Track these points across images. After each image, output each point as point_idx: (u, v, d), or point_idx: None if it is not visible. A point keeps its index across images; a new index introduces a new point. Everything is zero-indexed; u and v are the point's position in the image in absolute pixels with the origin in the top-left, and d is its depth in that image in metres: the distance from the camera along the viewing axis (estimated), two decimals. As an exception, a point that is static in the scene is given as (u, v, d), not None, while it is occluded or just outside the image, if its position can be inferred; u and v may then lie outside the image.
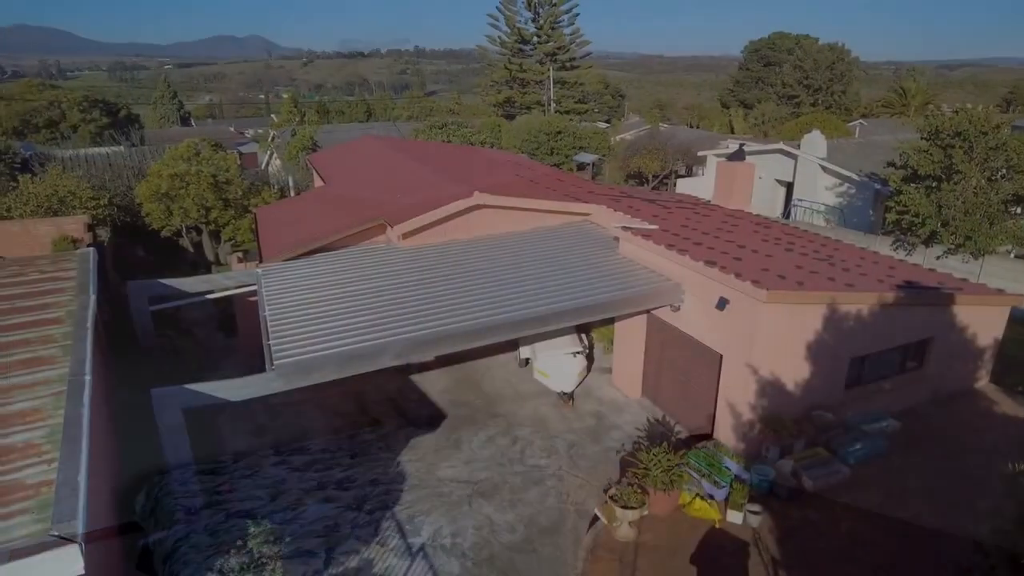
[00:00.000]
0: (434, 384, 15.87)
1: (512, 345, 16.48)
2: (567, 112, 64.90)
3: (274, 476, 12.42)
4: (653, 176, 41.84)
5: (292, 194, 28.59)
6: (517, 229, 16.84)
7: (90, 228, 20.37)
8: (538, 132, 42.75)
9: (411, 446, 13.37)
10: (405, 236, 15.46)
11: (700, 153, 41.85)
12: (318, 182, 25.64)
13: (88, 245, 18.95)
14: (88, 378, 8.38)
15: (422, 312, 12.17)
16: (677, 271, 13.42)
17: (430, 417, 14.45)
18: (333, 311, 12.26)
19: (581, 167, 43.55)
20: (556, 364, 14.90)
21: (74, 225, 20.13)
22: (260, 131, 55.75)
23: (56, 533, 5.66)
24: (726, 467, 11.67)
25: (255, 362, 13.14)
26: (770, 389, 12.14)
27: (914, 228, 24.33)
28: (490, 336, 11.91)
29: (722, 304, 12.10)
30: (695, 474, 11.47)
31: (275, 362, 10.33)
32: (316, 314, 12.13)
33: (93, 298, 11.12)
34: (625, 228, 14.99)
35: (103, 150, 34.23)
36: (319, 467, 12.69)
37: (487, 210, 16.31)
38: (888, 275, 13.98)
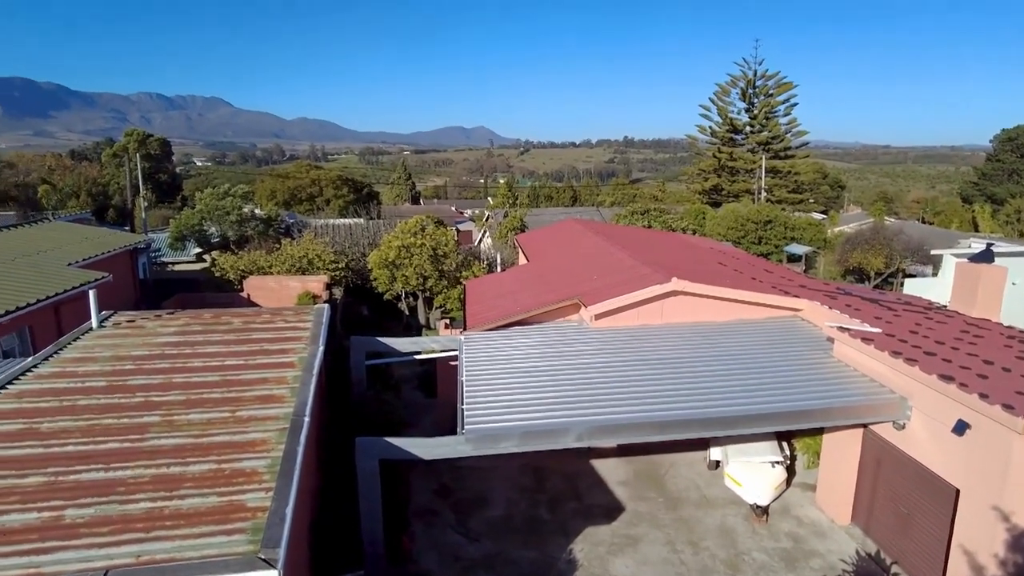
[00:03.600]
0: (614, 472, 15.36)
1: (702, 444, 15.48)
2: (779, 201, 61.94)
3: (450, 539, 12.75)
4: (876, 274, 37.82)
5: (499, 269, 30.45)
6: (716, 319, 16.10)
7: (328, 287, 23.54)
8: (746, 220, 41.19)
9: (585, 534, 12.94)
10: (598, 317, 15.56)
11: (934, 252, 37.01)
12: (522, 260, 27.05)
13: (324, 301, 21.84)
14: (307, 420, 9.44)
15: (608, 396, 11.98)
16: (903, 383, 11.76)
17: (607, 507, 13.93)
18: (523, 384, 12.57)
19: (792, 259, 40.88)
20: (751, 472, 13.64)
21: (316, 283, 23.40)
22: (477, 211, 60.90)
23: (263, 556, 6.30)
24: (961, 630, 9.58)
25: (449, 424, 13.84)
26: (1026, 542, 9.87)
27: None
28: (677, 431, 11.33)
29: (961, 428, 10.29)
30: (917, 630, 9.56)
31: (466, 427, 10.78)
32: (507, 385, 12.53)
33: (321, 349, 12.65)
34: (842, 328, 13.60)
35: (346, 221, 39.74)
36: (493, 538, 12.78)
37: (684, 297, 15.88)
38: None
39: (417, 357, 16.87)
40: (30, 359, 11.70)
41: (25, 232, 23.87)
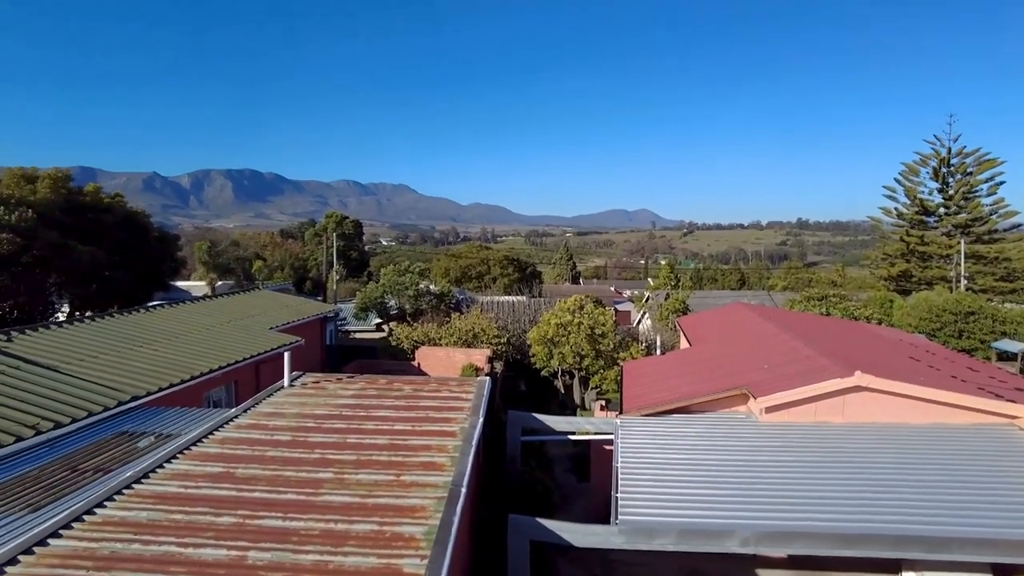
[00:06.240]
0: (785, 586, 13.72)
1: (890, 565, 13.39)
2: (984, 290, 54.50)
3: (599, 636, 12.03)
4: (1125, 381, 31.46)
5: (658, 352, 29.64)
6: (907, 421, 14.21)
7: (490, 360, 24.39)
8: (942, 311, 36.74)
9: (750, 653, 11.58)
10: (768, 410, 14.42)
11: None
12: (684, 343, 26.13)
13: (486, 374, 22.59)
14: (464, 491, 9.61)
15: (780, 499, 10.91)
16: None
17: (776, 625, 12.42)
18: (683, 477, 11.87)
19: (1004, 357, 35.42)
20: (957, 607, 11.50)
21: (479, 356, 24.34)
22: (636, 292, 60.43)
23: (416, 625, 6.39)
24: None
25: (601, 511, 13.38)
26: None
27: None
28: (861, 547, 9.94)
29: None
30: None
31: (620, 517, 10.32)
32: (665, 477, 11.90)
33: (481, 420, 12.97)
34: (1076, 445, 11.37)
35: (510, 298, 41.32)
36: (644, 643, 11.87)
37: (870, 394, 14.25)
38: None
39: (571, 437, 16.66)
40: (232, 410, 13.26)
41: (239, 299, 27.67)
